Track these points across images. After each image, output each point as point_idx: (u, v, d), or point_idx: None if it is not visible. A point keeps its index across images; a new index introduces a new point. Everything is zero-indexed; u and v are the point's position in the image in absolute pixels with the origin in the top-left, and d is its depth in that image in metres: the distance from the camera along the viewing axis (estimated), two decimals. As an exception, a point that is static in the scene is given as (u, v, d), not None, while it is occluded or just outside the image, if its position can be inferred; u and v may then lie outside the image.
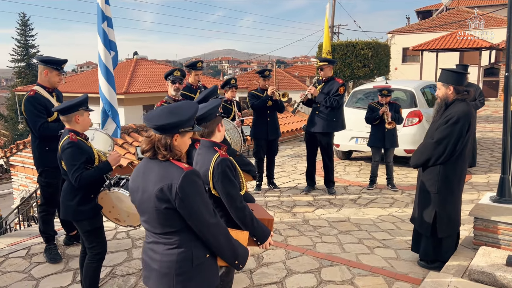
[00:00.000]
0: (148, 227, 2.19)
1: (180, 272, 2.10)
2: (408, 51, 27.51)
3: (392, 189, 6.56)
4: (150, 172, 2.12)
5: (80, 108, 3.29)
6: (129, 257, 4.38)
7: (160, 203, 2.04)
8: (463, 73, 3.95)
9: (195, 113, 2.20)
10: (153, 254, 2.17)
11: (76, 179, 3.16)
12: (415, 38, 26.63)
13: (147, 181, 2.11)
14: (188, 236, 2.11)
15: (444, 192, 3.90)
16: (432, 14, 34.70)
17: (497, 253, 3.68)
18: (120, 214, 3.51)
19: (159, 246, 2.15)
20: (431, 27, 28.24)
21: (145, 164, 2.18)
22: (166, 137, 2.09)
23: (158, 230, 2.13)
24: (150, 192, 2.07)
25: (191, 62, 5.52)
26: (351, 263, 4.18)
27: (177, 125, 2.08)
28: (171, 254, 2.11)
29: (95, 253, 3.34)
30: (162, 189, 2.03)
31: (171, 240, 2.11)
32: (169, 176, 2.04)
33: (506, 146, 4.34)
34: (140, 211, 2.20)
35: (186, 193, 2.01)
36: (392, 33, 30.07)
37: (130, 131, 8.36)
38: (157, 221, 2.09)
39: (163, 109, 2.19)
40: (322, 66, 6.19)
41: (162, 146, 2.09)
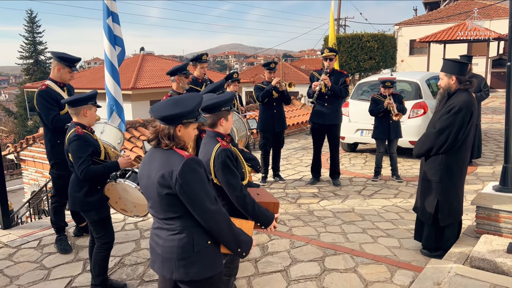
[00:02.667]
0: (153, 212, 2.29)
1: (182, 257, 2.18)
2: (416, 43, 27.32)
3: (397, 180, 6.60)
4: (154, 160, 2.22)
5: (89, 102, 3.38)
6: (137, 247, 4.49)
7: (162, 188, 2.13)
8: (466, 63, 3.97)
9: (198, 104, 2.27)
10: (157, 239, 2.27)
11: (82, 171, 3.25)
12: (422, 30, 26.46)
13: (152, 168, 2.21)
14: (190, 222, 2.19)
15: (446, 181, 3.94)
16: (439, 5, 34.36)
17: (499, 241, 3.73)
18: (126, 205, 3.61)
19: (162, 232, 2.24)
20: (438, 18, 28.00)
21: (151, 153, 2.29)
22: (169, 127, 2.17)
23: (161, 216, 2.22)
24: (153, 179, 2.16)
25: (196, 56, 5.59)
26: (354, 252, 4.24)
27: (180, 116, 2.16)
28: (172, 239, 2.20)
29: (103, 242, 3.44)
30: (164, 175, 2.12)
31: (173, 226, 2.20)
32: (170, 163, 2.13)
33: (509, 136, 4.36)
34: (147, 197, 2.31)
35: (186, 179, 2.09)
36: (399, 25, 29.88)
37: (137, 125, 8.46)
38: (159, 206, 2.19)
39: (167, 100, 2.27)
40: (331, 56, 6.20)
41: (165, 135, 2.18)
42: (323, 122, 6.23)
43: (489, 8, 26.57)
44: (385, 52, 17.52)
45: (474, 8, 26.74)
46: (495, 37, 20.15)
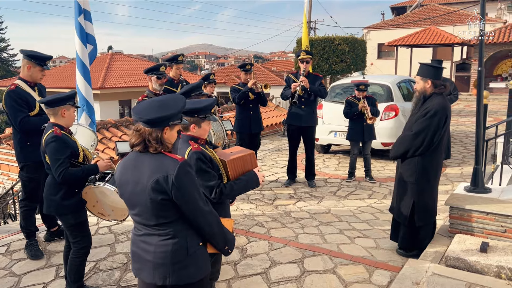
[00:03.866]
0: (140, 220, 2.21)
1: (176, 261, 2.16)
2: (383, 47, 27.96)
3: (370, 181, 6.72)
4: (142, 165, 2.15)
5: (68, 103, 3.27)
6: (112, 252, 4.37)
7: (156, 194, 2.08)
8: (441, 68, 4.09)
9: (183, 106, 2.25)
10: (146, 245, 2.20)
11: (60, 174, 3.13)
12: (389, 34, 27.08)
13: (140, 174, 2.13)
14: (182, 226, 2.17)
15: (422, 182, 4.04)
16: (406, 10, 35.32)
17: (472, 240, 3.85)
18: (104, 209, 3.51)
19: (153, 238, 2.18)
20: (405, 23, 28.77)
21: (135, 158, 2.20)
22: (156, 130, 2.12)
23: (152, 222, 2.16)
24: (144, 184, 2.10)
25: (172, 56, 5.51)
26: (332, 253, 4.28)
27: (167, 119, 2.12)
28: (166, 244, 2.16)
29: (79, 247, 3.33)
30: (158, 180, 2.07)
31: (166, 231, 2.16)
32: (164, 168, 2.09)
33: (479, 138, 4.52)
34: (130, 205, 2.22)
35: (182, 183, 2.07)
36: (368, 29, 30.50)
37: (109, 126, 8.27)
38: (151, 212, 2.13)
39: (151, 102, 2.21)
40: (307, 59, 6.25)
41: (153, 139, 2.12)
42: (299, 124, 6.28)
43: (453, 14, 27.52)
44: (356, 55, 17.86)
45: (439, 14, 27.67)
46: (459, 42, 20.90)
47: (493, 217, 3.94)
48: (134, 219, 2.26)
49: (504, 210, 3.89)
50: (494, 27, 23.87)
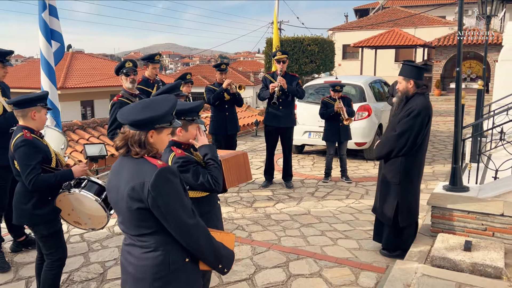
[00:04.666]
0: (124, 229, 2.05)
1: (157, 277, 1.96)
2: (348, 48, 28.44)
3: (347, 181, 6.73)
4: (123, 170, 1.98)
5: (39, 104, 3.02)
6: (86, 262, 4.13)
7: (132, 202, 1.90)
8: (423, 68, 4.11)
9: (172, 107, 2.05)
10: (129, 257, 2.03)
11: (31, 181, 2.90)
12: (354, 36, 27.57)
13: (120, 180, 1.97)
14: (165, 239, 1.97)
15: (405, 183, 4.04)
16: (369, 13, 36.11)
17: (454, 239, 3.87)
18: (80, 217, 3.28)
19: (135, 249, 2.01)
20: (369, 25, 29.38)
21: (119, 162, 2.04)
22: (140, 133, 1.95)
23: (133, 232, 1.99)
24: (122, 192, 1.93)
25: (148, 55, 5.29)
26: (317, 256, 4.22)
27: (151, 121, 1.94)
28: (146, 258, 1.97)
29: (54, 259, 3.09)
30: (134, 187, 1.89)
31: (147, 243, 1.97)
32: (141, 174, 1.91)
33: (458, 138, 4.58)
34: (116, 212, 2.06)
35: (159, 191, 1.87)
36: (333, 30, 30.92)
37: (75, 128, 7.89)
38: (131, 222, 1.96)
39: (137, 103, 2.05)
40: (284, 58, 6.18)
41: (135, 142, 1.95)
42: (277, 125, 6.20)
43: (414, 17, 28.32)
44: (325, 56, 18.03)
45: (400, 16, 28.43)
46: (421, 44, 21.53)
47: (474, 215, 3.99)
48: (120, 227, 2.09)
49: (484, 209, 3.94)
50: (453, 30, 24.76)
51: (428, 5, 30.52)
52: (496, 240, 3.87)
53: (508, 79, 8.61)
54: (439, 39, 20.72)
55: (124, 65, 4.54)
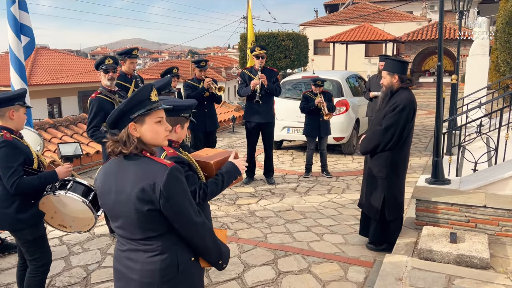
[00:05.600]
0: (123, 233, 1.94)
1: (166, 280, 1.90)
2: (319, 43, 28.68)
3: (327, 176, 6.76)
4: (125, 171, 1.87)
5: (17, 103, 2.86)
6: (68, 266, 3.98)
7: (142, 204, 1.81)
8: (406, 62, 4.15)
9: (144, 92, 1.89)
10: (130, 263, 1.94)
11: (13, 184, 2.74)
12: (324, 31, 27.83)
13: (123, 181, 1.86)
14: (171, 240, 1.91)
15: (392, 177, 4.07)
16: (339, 8, 36.49)
17: (439, 231, 3.94)
18: (64, 220, 3.14)
19: (139, 254, 1.92)
20: (339, 20, 29.70)
21: (117, 163, 1.92)
22: (124, 131, 1.86)
23: (137, 236, 1.90)
24: (128, 193, 1.82)
25: (126, 50, 5.12)
26: (304, 252, 4.21)
27: (122, 112, 1.84)
28: (153, 261, 1.89)
29: (38, 265, 2.95)
30: (144, 189, 1.79)
31: (153, 246, 1.90)
32: (151, 174, 1.82)
33: (439, 131, 4.66)
34: (113, 216, 1.94)
35: (172, 191, 1.81)
36: (304, 25, 31.09)
37: (47, 126, 7.59)
38: (136, 224, 1.86)
39: None
40: (263, 54, 6.13)
41: (120, 141, 1.85)
42: (258, 120, 6.15)
43: (383, 12, 28.84)
44: (299, 51, 18.07)
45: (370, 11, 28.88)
46: (391, 39, 21.93)
47: (458, 207, 4.07)
48: (117, 232, 1.99)
49: (467, 201, 4.03)
50: (420, 25, 25.36)
51: (396, 1, 31.14)
52: (479, 231, 3.97)
53: (478, 72, 8.88)
54: (408, 34, 21.17)
55: (104, 61, 4.38)
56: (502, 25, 8.23)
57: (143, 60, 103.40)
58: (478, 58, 8.92)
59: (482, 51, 8.83)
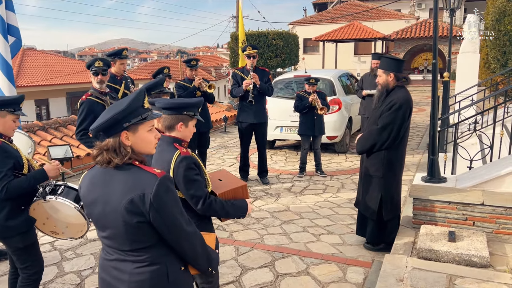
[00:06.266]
0: (111, 243, 1.85)
1: None
2: (309, 42, 28.67)
3: (321, 175, 6.73)
4: (112, 181, 1.77)
5: (4, 109, 2.75)
6: (60, 272, 3.88)
7: (131, 216, 1.72)
8: (402, 61, 4.11)
9: (135, 100, 1.79)
10: (118, 273, 1.85)
11: (3, 189, 2.64)
12: (313, 29, 27.81)
13: (110, 192, 1.76)
14: (161, 251, 1.84)
15: (388, 176, 4.04)
16: (327, 7, 36.53)
17: (438, 230, 3.91)
18: (56, 226, 3.04)
19: (126, 264, 1.83)
20: (328, 18, 29.72)
21: (103, 172, 1.81)
22: (114, 138, 1.75)
23: (125, 247, 1.81)
24: (116, 205, 1.73)
25: (116, 50, 5.02)
26: (301, 253, 4.16)
27: (116, 120, 1.73)
28: (142, 272, 1.81)
29: (30, 273, 2.85)
30: (133, 200, 1.70)
31: (142, 258, 1.81)
32: (139, 185, 1.72)
33: (434, 129, 4.63)
34: (100, 226, 1.85)
35: (162, 202, 1.72)
36: (293, 24, 31.06)
37: (36, 129, 7.44)
38: (125, 236, 1.77)
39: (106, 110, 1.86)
40: (254, 54, 6.07)
41: (109, 149, 1.75)
42: (252, 120, 6.09)
43: (371, 10, 28.92)
44: (290, 50, 18.04)
45: (359, 10, 28.96)
46: (380, 37, 22.01)
47: (455, 206, 4.05)
48: (103, 241, 1.89)
49: (465, 199, 4.01)
50: (409, 23, 25.49)
51: (385, -1, 31.25)
52: (476, 229, 3.95)
53: (469, 69, 8.91)
54: (397, 32, 21.27)
55: (94, 63, 4.28)
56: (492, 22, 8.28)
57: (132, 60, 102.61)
58: (469, 56, 8.96)
59: (472, 48, 8.86)
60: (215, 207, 2.42)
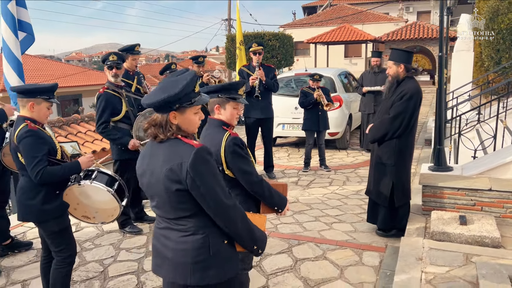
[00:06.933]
0: (159, 212, 2.01)
1: (197, 260, 1.94)
2: (300, 45, 28.92)
3: (326, 169, 6.86)
4: (157, 154, 1.94)
5: (40, 96, 2.83)
6: (82, 261, 3.94)
7: (171, 184, 1.86)
8: (411, 52, 4.27)
9: (187, 85, 1.91)
10: (166, 241, 1.99)
11: (38, 174, 2.71)
12: (304, 32, 28.06)
13: (155, 163, 1.93)
14: (204, 222, 1.94)
15: (399, 164, 4.19)
16: (317, 10, 36.90)
17: (448, 215, 4.07)
18: (87, 211, 3.12)
19: (173, 233, 1.97)
20: (318, 21, 30.05)
21: (151, 147, 2.00)
22: (162, 116, 1.91)
23: (170, 215, 1.95)
24: (158, 174, 1.89)
25: (129, 46, 5.10)
26: (316, 240, 4.28)
27: (168, 102, 1.87)
28: (186, 241, 1.94)
29: (64, 256, 2.92)
30: (172, 168, 1.85)
31: (186, 227, 1.94)
32: (178, 155, 1.87)
33: (441, 120, 4.81)
34: (150, 196, 2.01)
35: (198, 171, 1.84)
36: (284, 27, 31.31)
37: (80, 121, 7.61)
38: (168, 204, 1.92)
39: (158, 86, 2.00)
40: (260, 50, 6.20)
41: (157, 125, 1.92)
42: (258, 116, 6.21)
43: (361, 13, 29.35)
44: (285, 51, 18.24)
45: (348, 13, 29.33)
46: (371, 39, 22.33)
47: (464, 192, 4.21)
48: (154, 211, 2.05)
49: (473, 185, 4.17)
50: (398, 26, 25.89)
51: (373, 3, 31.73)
52: (485, 214, 4.11)
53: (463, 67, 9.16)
54: (388, 34, 21.58)
55: (108, 57, 4.38)
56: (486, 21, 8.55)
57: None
58: (463, 54, 9.21)
59: (466, 47, 9.12)
60: (266, 185, 2.52)
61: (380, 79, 7.85)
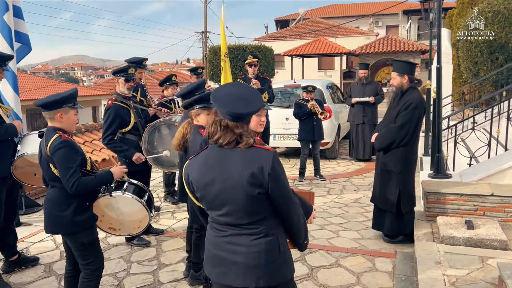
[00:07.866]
0: (227, 220, 2.02)
1: (270, 260, 2.00)
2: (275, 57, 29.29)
3: (321, 178, 6.97)
4: (230, 160, 1.98)
5: (65, 105, 2.79)
6: (95, 275, 3.84)
7: (253, 188, 1.92)
8: (414, 64, 4.46)
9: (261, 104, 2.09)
10: (234, 247, 2.02)
11: (74, 184, 2.67)
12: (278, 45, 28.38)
13: (229, 169, 1.96)
14: (273, 223, 2.03)
15: (405, 171, 4.33)
16: (289, 24, 37.54)
17: (454, 220, 4.22)
18: (112, 223, 3.08)
19: (243, 238, 2.01)
20: (292, 35, 30.56)
21: (218, 153, 2.01)
22: (242, 124, 1.98)
23: (244, 221, 1.99)
24: (237, 179, 1.93)
25: (137, 59, 5.09)
26: (327, 248, 4.35)
27: (249, 114, 2.00)
28: (258, 243, 1.99)
29: (93, 269, 2.87)
30: (254, 173, 1.91)
31: (258, 230, 2.00)
32: (257, 159, 1.94)
33: (439, 129, 5.00)
34: (217, 205, 2.01)
35: (278, 174, 1.96)
36: (258, 40, 31.65)
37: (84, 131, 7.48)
38: (243, 210, 1.96)
39: (234, 96, 2.02)
40: (255, 62, 6.29)
41: (246, 133, 1.99)
42: (258, 127, 6.27)
43: (334, 28, 30.05)
44: (267, 63, 18.43)
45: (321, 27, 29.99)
46: (346, 52, 22.92)
47: (467, 197, 4.39)
48: (218, 220, 2.05)
49: (475, 191, 4.36)
50: (369, 39, 26.69)
51: (345, 17, 32.63)
52: (487, 218, 4.29)
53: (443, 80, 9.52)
54: (361, 47, 22.20)
55: (127, 70, 4.37)
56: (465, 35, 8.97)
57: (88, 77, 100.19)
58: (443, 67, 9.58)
59: (446, 59, 9.50)
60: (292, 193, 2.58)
61: (368, 90, 8.10)
